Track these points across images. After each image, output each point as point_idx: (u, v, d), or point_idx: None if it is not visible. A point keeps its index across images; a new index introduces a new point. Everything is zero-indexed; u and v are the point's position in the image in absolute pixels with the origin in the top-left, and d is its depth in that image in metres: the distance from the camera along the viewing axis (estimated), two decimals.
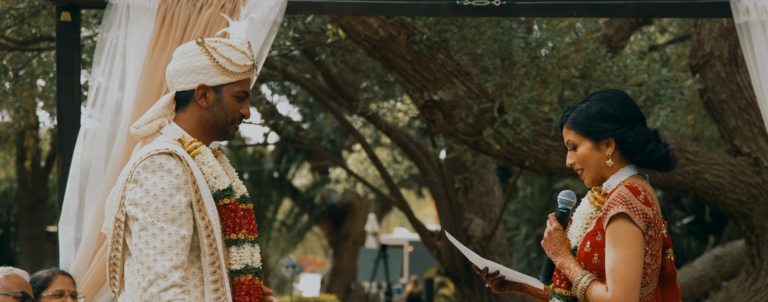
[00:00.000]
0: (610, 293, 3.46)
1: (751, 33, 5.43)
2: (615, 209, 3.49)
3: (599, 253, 3.53)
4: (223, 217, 3.65)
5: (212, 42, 3.69)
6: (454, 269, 9.93)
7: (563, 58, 7.16)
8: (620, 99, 3.61)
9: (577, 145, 3.64)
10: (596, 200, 3.63)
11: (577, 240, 3.63)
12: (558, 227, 3.66)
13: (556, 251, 3.62)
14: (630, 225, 3.47)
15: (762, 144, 7.66)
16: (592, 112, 3.60)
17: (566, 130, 3.66)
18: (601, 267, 3.53)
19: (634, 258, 3.45)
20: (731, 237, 12.20)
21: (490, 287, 3.91)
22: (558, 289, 3.63)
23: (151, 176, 3.54)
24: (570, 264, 3.57)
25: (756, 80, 5.44)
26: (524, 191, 16.84)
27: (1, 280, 4.40)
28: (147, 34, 5.47)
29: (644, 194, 3.52)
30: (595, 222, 3.57)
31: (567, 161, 3.67)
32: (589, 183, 3.67)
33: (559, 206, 3.72)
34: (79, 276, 5.31)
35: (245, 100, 3.74)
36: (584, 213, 3.65)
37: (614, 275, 3.46)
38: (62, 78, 5.65)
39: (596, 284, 3.51)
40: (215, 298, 3.56)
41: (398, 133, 10.24)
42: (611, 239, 3.49)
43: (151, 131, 3.71)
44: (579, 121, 3.61)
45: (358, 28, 6.82)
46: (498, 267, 3.85)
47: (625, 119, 3.59)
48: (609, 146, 3.60)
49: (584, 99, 3.67)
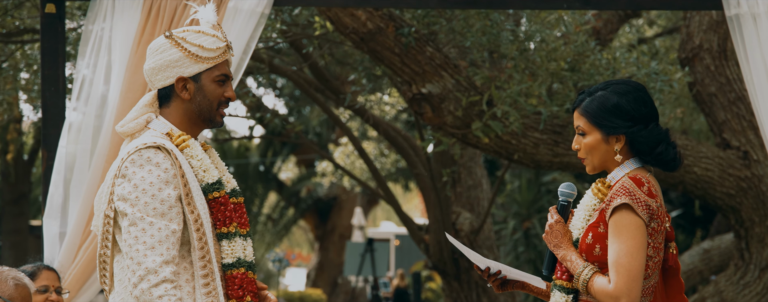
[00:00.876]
0: (613, 285, 3.43)
1: (742, 25, 5.40)
2: (618, 200, 3.45)
3: (601, 245, 3.50)
4: (213, 211, 3.61)
5: (180, 32, 3.65)
6: (441, 263, 9.90)
7: (552, 51, 7.14)
8: (638, 96, 3.55)
9: (587, 133, 3.59)
10: (600, 192, 3.60)
11: (579, 231, 3.59)
12: (559, 220, 3.62)
13: (558, 243, 3.59)
14: (633, 217, 3.44)
15: (751, 137, 7.64)
16: (608, 104, 3.54)
17: (578, 115, 3.61)
18: (603, 258, 3.50)
19: (637, 249, 3.42)
20: (719, 230, 12.21)
21: (492, 287, 3.87)
22: (559, 281, 3.60)
23: (139, 170, 3.51)
24: (572, 256, 3.54)
25: (746, 73, 5.42)
26: (512, 184, 16.83)
27: (10, 288, 4.26)
28: (132, 27, 5.43)
29: (648, 186, 3.49)
30: (598, 213, 3.54)
31: (573, 145, 3.63)
32: (590, 171, 3.63)
33: (559, 199, 3.68)
34: (64, 270, 5.26)
35: (227, 83, 3.69)
36: (587, 204, 3.62)
37: (617, 266, 3.43)
38: (47, 70, 5.60)
39: (598, 276, 3.48)
40: (206, 293, 3.53)
41: (385, 126, 10.20)
42: (614, 230, 3.46)
43: (139, 127, 3.67)
44: (593, 111, 3.55)
45: (346, 20, 6.77)
46: (500, 267, 3.82)
47: (640, 118, 3.53)
48: (619, 141, 3.56)
49: (602, 86, 3.59)
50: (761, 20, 5.33)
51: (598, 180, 3.65)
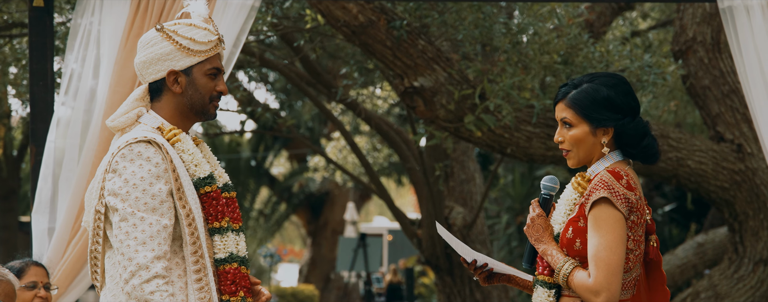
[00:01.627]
0: (593, 279, 3.42)
1: (736, 18, 5.40)
2: (597, 194, 3.44)
3: (581, 239, 3.49)
4: (205, 206, 3.58)
5: (172, 25, 3.62)
6: (434, 258, 9.87)
7: (545, 44, 7.11)
8: (626, 89, 3.55)
9: (574, 125, 3.56)
10: (580, 186, 3.59)
11: (560, 226, 3.58)
12: (541, 213, 3.61)
13: (539, 238, 3.58)
14: (612, 210, 3.42)
15: (745, 130, 7.62)
16: (598, 97, 3.52)
17: (564, 107, 3.57)
18: (583, 253, 3.49)
19: (616, 243, 3.41)
20: (714, 224, 12.19)
21: (478, 280, 3.86)
22: (541, 276, 3.59)
23: (130, 165, 3.47)
24: (552, 251, 3.53)
25: (740, 65, 5.41)
26: (505, 179, 16.81)
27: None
28: (121, 20, 5.42)
29: (627, 179, 3.48)
30: (578, 207, 3.53)
31: (556, 137, 3.60)
32: (573, 165, 3.62)
33: (541, 192, 3.67)
34: (53, 266, 5.24)
35: (219, 76, 3.67)
36: (568, 199, 3.60)
37: (596, 260, 3.41)
38: (35, 65, 5.58)
39: (578, 270, 3.47)
40: (198, 288, 3.49)
41: (378, 120, 10.16)
42: (593, 224, 3.45)
43: (129, 121, 3.64)
44: (583, 103, 3.53)
45: (337, 13, 6.73)
46: (486, 260, 3.80)
47: (628, 110, 3.53)
48: (606, 134, 3.55)
49: (588, 78, 3.57)
50: (754, 12, 5.32)
51: (578, 174, 3.63)
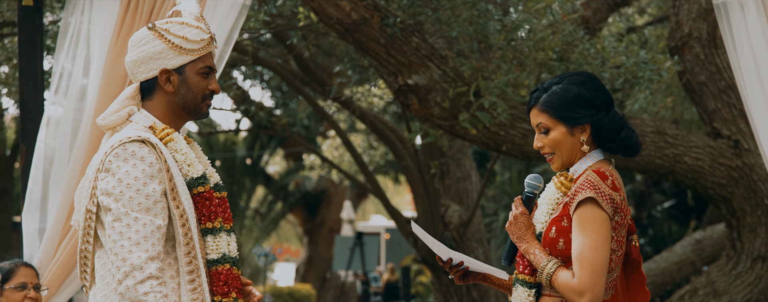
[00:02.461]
0: (577, 279, 3.41)
1: (729, 13, 5.40)
2: (583, 194, 3.44)
3: (565, 239, 3.49)
4: (198, 206, 3.57)
5: (163, 24, 3.61)
6: (431, 257, 9.83)
7: (540, 41, 7.08)
8: (596, 84, 3.56)
9: (550, 128, 3.57)
10: (562, 185, 3.59)
11: (542, 225, 3.58)
12: (524, 211, 3.61)
13: (521, 236, 3.57)
14: (598, 211, 3.43)
15: (742, 126, 7.58)
16: (569, 96, 3.53)
17: (538, 113, 3.59)
18: (566, 253, 3.49)
19: (601, 243, 3.41)
20: (712, 221, 12.17)
21: (454, 278, 3.85)
22: (522, 275, 3.59)
23: (124, 164, 3.45)
24: (535, 250, 3.52)
25: (735, 61, 5.41)
26: (502, 176, 16.78)
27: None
28: (111, 19, 5.41)
29: (612, 179, 3.49)
30: (562, 207, 3.53)
31: (535, 144, 3.60)
32: (558, 168, 3.62)
33: (525, 190, 3.67)
34: (43, 267, 5.22)
35: (211, 75, 3.67)
36: (550, 198, 3.60)
37: (581, 260, 3.41)
38: (25, 64, 5.59)
39: (562, 270, 3.46)
40: (191, 289, 3.47)
41: (373, 118, 10.13)
42: (578, 224, 3.44)
43: (120, 120, 3.62)
44: (555, 104, 3.54)
45: (330, 10, 6.69)
46: (462, 258, 3.80)
47: (602, 105, 3.54)
48: (584, 132, 3.55)
49: (556, 80, 3.59)
50: (748, 8, 5.31)
51: (560, 173, 3.63)
